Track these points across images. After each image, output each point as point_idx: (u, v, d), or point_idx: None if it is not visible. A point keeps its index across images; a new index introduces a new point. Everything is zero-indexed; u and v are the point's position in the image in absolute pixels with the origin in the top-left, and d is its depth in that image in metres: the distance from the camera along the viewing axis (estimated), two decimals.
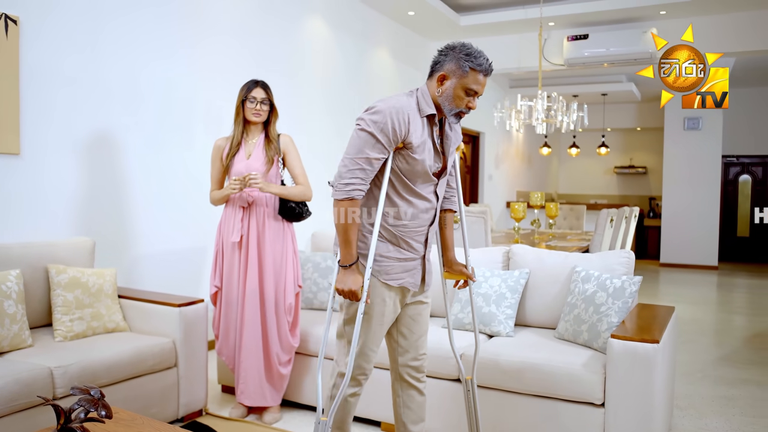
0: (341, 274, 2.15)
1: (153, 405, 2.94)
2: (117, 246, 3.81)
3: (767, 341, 5.16)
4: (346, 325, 2.28)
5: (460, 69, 2.12)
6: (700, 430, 3.18)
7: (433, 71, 2.22)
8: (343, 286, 2.13)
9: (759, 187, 10.96)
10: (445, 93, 2.16)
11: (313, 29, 5.62)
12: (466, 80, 2.13)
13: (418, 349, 2.40)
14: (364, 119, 2.11)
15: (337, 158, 5.94)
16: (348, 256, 2.14)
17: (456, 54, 2.14)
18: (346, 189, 2.08)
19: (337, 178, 2.11)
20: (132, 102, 3.88)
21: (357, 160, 2.08)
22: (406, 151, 2.14)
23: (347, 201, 2.09)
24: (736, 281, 8.90)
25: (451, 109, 2.17)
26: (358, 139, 2.09)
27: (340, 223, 2.11)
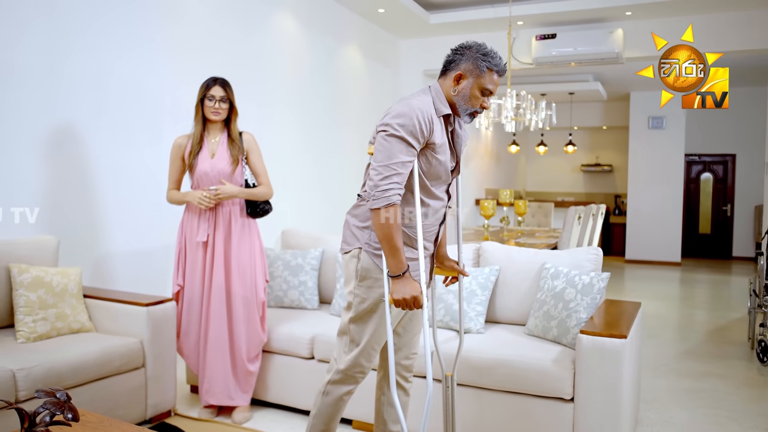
0: (396, 284, 2.07)
1: (120, 406, 2.88)
2: (82, 244, 3.73)
3: (728, 335, 5.30)
4: (352, 323, 2.24)
5: (477, 69, 2.12)
6: (665, 422, 3.25)
7: (447, 70, 2.19)
8: (402, 296, 2.06)
9: (720, 185, 11.24)
10: (461, 92, 2.14)
11: (283, 26, 5.57)
12: (483, 80, 2.12)
13: (411, 348, 2.40)
14: (390, 124, 2.05)
15: (306, 156, 5.94)
16: (399, 264, 2.07)
17: (473, 53, 2.13)
18: (386, 195, 2.02)
19: (372, 188, 2.05)
20: (98, 98, 3.80)
21: (391, 166, 2.03)
22: (429, 151, 2.12)
23: (389, 207, 2.03)
24: (698, 277, 9.12)
25: (467, 108, 2.17)
26: (389, 144, 2.04)
27: (385, 232, 2.04)
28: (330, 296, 3.74)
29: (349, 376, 2.28)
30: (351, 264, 2.25)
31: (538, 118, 6.85)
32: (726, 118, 10.86)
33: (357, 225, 2.25)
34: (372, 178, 2.05)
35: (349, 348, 2.26)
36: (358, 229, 2.25)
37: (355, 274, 2.22)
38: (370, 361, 2.27)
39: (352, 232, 2.27)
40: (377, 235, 2.07)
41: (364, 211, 2.24)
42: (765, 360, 4.29)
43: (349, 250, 2.26)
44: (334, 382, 2.30)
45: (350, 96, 6.79)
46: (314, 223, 6.01)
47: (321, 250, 3.75)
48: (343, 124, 6.65)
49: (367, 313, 2.21)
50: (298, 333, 3.22)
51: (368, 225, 2.21)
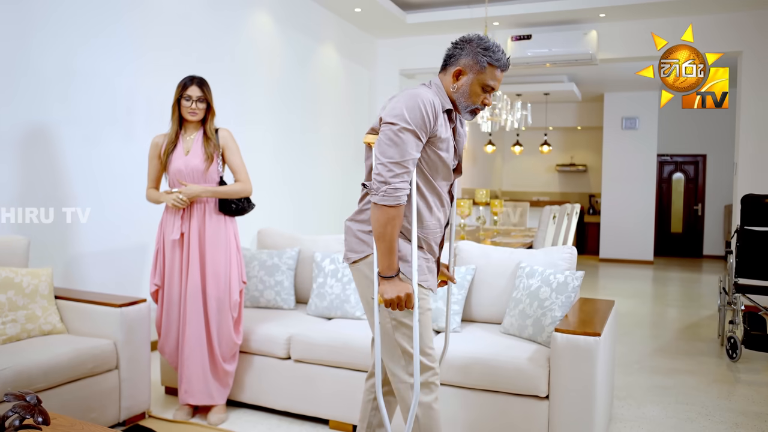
0: (386, 285, 2.00)
1: (93, 409, 2.84)
2: (53, 245, 3.66)
3: (698, 332, 5.40)
4: (396, 332, 2.10)
5: (477, 64, 2.03)
6: (638, 418, 3.30)
7: (447, 65, 2.11)
8: (392, 295, 1.99)
9: (691, 184, 11.44)
10: (461, 89, 2.06)
11: (259, 24, 5.53)
12: (484, 76, 2.04)
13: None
14: (401, 117, 1.95)
15: (282, 155, 5.91)
16: (392, 264, 2.00)
17: (473, 48, 2.04)
18: (397, 195, 1.94)
19: (381, 183, 1.95)
20: (68, 94, 3.74)
21: (403, 163, 1.95)
22: (431, 147, 2.03)
23: (397, 207, 1.95)
24: (669, 275, 9.27)
25: (467, 105, 2.09)
26: (400, 139, 1.94)
27: (387, 231, 1.96)
28: (306, 296, 3.73)
29: (426, 383, 2.11)
30: (368, 271, 2.12)
31: (513, 118, 6.91)
32: (697, 120, 11.06)
33: (364, 230, 2.14)
34: (381, 174, 1.95)
35: (406, 360, 2.10)
36: (367, 234, 2.14)
37: (377, 278, 2.08)
38: (433, 360, 2.13)
39: (360, 239, 2.15)
40: (376, 232, 1.98)
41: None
42: (734, 356, 4.38)
43: (360, 258, 2.14)
44: (423, 403, 2.10)
45: (326, 95, 6.77)
46: (290, 222, 5.99)
47: (297, 250, 3.74)
48: (320, 123, 6.63)
49: (404, 315, 2.09)
50: (274, 333, 3.21)
51: None
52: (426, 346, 2.12)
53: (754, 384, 3.92)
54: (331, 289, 3.46)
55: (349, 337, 3.04)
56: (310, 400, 3.11)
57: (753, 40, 6.19)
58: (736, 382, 3.98)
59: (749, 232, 4.75)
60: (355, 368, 3.00)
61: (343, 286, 3.43)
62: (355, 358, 2.97)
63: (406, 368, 2.10)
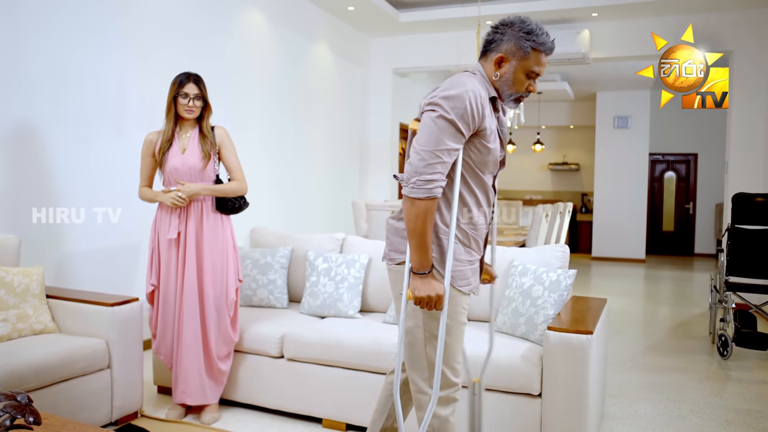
0: (417, 281, 1.89)
1: (85, 409, 2.82)
2: (45, 243, 3.64)
3: (690, 330, 5.43)
4: (428, 344, 2.00)
5: (520, 50, 1.90)
6: (630, 416, 3.31)
7: (487, 51, 1.97)
8: (423, 294, 1.87)
9: (682, 183, 11.50)
10: (504, 77, 1.94)
11: (252, 22, 5.52)
12: (528, 62, 1.91)
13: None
14: (440, 104, 1.82)
15: (275, 154, 5.89)
16: (426, 261, 1.88)
17: (515, 32, 1.90)
18: (428, 186, 1.81)
19: (412, 174, 1.82)
20: (59, 93, 3.72)
21: (437, 152, 1.81)
22: (478, 139, 1.91)
23: (428, 201, 1.82)
24: (661, 273, 9.32)
25: (511, 94, 1.97)
26: (436, 127, 1.81)
27: (417, 225, 1.83)
28: (299, 295, 3.73)
29: (446, 398, 2.04)
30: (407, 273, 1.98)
31: (506, 117, 6.91)
32: (688, 119, 11.11)
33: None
34: (413, 163, 1.83)
35: (431, 372, 2.02)
36: None
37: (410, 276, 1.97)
38: (456, 374, 2.05)
39: (404, 238, 2.01)
40: (407, 226, 1.86)
41: None
42: (725, 354, 4.41)
43: (404, 260, 2.01)
44: (439, 415, 2.03)
45: (319, 93, 6.76)
46: (283, 221, 5.98)
47: (290, 249, 3.73)
48: (313, 121, 6.62)
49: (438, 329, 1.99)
50: (267, 332, 3.20)
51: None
52: (454, 360, 2.04)
53: (744, 381, 3.95)
54: (324, 287, 3.45)
55: (342, 335, 3.04)
56: (303, 398, 3.11)
57: (744, 39, 6.22)
58: (727, 379, 4.00)
59: (740, 231, 4.78)
60: (348, 367, 3.00)
61: (336, 284, 3.43)
62: (348, 357, 2.97)
63: (428, 380, 2.03)
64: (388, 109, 7.96)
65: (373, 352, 2.91)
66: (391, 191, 8.04)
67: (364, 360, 2.94)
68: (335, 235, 3.79)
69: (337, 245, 3.73)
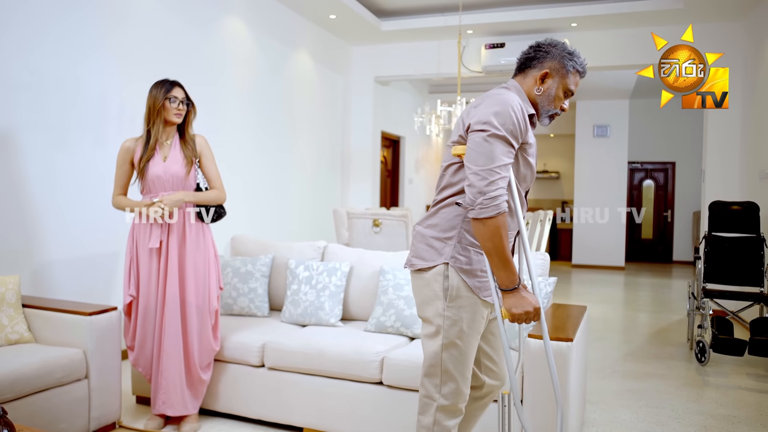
0: (510, 299, 1.90)
1: (62, 420, 2.78)
2: (20, 252, 3.59)
3: (668, 337, 5.49)
4: (445, 351, 2.03)
5: (563, 68, 2.00)
6: (610, 422, 3.33)
7: (527, 67, 2.05)
8: (520, 310, 1.89)
9: (661, 191, 11.65)
10: (546, 92, 2.02)
11: (233, 30, 5.51)
12: (567, 81, 2.01)
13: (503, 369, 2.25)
14: (490, 122, 1.87)
15: (256, 161, 5.87)
16: (512, 276, 1.89)
17: (559, 52, 2.01)
18: (495, 203, 1.83)
19: (476, 195, 1.84)
20: (35, 98, 3.67)
21: (495, 170, 1.84)
22: (521, 153, 1.97)
23: (499, 217, 1.84)
24: (640, 281, 9.41)
25: (549, 110, 2.04)
26: (490, 146, 1.86)
27: (496, 243, 1.85)
28: (280, 303, 3.71)
29: (453, 409, 2.07)
30: (434, 283, 2.02)
31: None
32: (666, 128, 11.28)
33: (437, 236, 2.04)
34: (475, 185, 1.85)
35: (444, 380, 2.05)
36: (439, 241, 2.03)
37: (444, 293, 2.01)
38: (468, 386, 2.09)
39: (430, 246, 2.04)
40: (485, 248, 1.88)
41: (444, 219, 2.04)
42: (703, 360, 4.46)
43: (428, 267, 2.03)
44: (439, 422, 2.05)
45: (301, 101, 6.76)
46: (264, 229, 5.95)
47: (271, 257, 3.72)
48: (294, 129, 6.61)
49: (460, 336, 2.02)
50: (248, 341, 3.18)
51: (452, 236, 2.01)
52: (466, 369, 2.07)
53: (722, 387, 4.00)
54: (305, 296, 3.44)
55: (323, 344, 3.02)
56: (284, 408, 3.08)
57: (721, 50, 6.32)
58: (704, 385, 4.05)
59: (717, 238, 4.85)
60: (330, 375, 2.98)
61: (318, 293, 3.42)
62: (329, 366, 2.96)
63: (440, 387, 2.05)
64: (369, 117, 7.97)
65: (354, 361, 2.90)
66: (372, 199, 8.04)
67: (346, 368, 2.93)
68: (316, 243, 3.78)
69: (318, 253, 3.72)
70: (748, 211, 4.90)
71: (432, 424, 2.06)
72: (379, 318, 3.23)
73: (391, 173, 9.78)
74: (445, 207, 2.05)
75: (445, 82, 10.05)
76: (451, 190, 2.04)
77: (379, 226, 4.81)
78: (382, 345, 2.97)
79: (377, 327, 3.23)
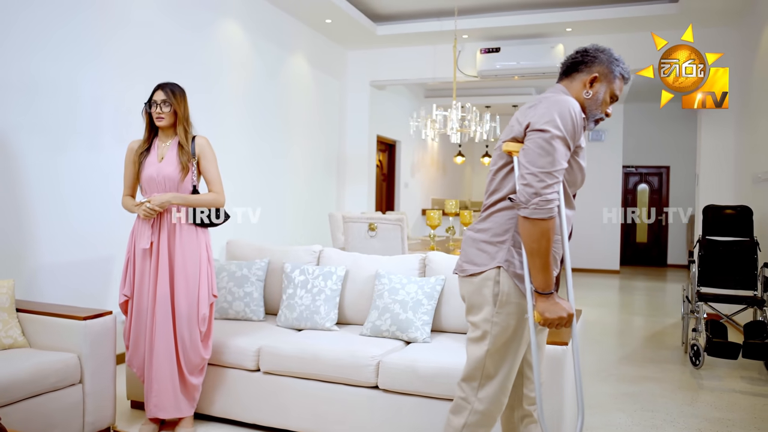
0: (545, 303, 1.90)
1: (56, 425, 2.77)
2: (15, 256, 3.58)
3: (663, 340, 5.51)
4: (489, 357, 2.02)
5: (611, 73, 2.02)
6: (605, 425, 3.34)
7: (574, 71, 2.06)
8: (554, 315, 1.90)
9: (655, 195, 11.69)
10: (595, 96, 2.03)
11: (229, 34, 5.51)
12: (614, 85, 2.04)
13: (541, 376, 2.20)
14: (552, 123, 1.87)
15: (252, 165, 5.87)
16: (550, 281, 1.90)
17: (607, 57, 2.03)
18: (549, 207, 1.84)
19: (531, 195, 1.84)
20: (30, 101, 3.66)
21: (554, 173, 1.85)
22: (574, 157, 1.98)
23: (549, 220, 1.85)
24: (635, 284, 9.44)
25: (596, 114, 2.06)
26: (552, 148, 1.86)
27: (542, 246, 1.86)
28: (276, 307, 3.70)
29: (488, 416, 2.05)
30: (485, 288, 2.01)
31: (482, 129, 6.98)
32: (660, 132, 11.32)
33: (489, 240, 2.03)
34: (532, 184, 1.85)
35: (482, 383, 2.04)
36: (491, 245, 2.02)
37: (493, 299, 2.00)
38: (506, 395, 2.07)
39: (482, 250, 2.04)
40: (530, 248, 1.89)
41: (497, 223, 2.03)
42: (697, 363, 4.47)
43: (479, 272, 2.02)
44: (470, 425, 2.04)
45: (297, 105, 6.76)
46: (259, 233, 5.95)
47: (267, 261, 3.71)
48: (290, 133, 6.62)
49: (506, 343, 2.01)
50: (243, 345, 3.17)
51: (505, 240, 2.00)
52: (509, 380, 2.07)
53: (716, 390, 4.01)
54: (300, 300, 3.44)
55: (319, 348, 3.02)
56: (279, 412, 3.08)
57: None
58: (699, 388, 4.06)
59: (711, 242, 4.87)
60: (325, 380, 2.98)
61: (313, 297, 3.42)
62: (325, 370, 2.96)
63: (477, 390, 2.05)
64: (365, 121, 7.98)
65: (350, 365, 2.90)
66: (368, 203, 8.04)
67: (342, 373, 2.93)
68: (312, 247, 3.78)
69: (313, 257, 3.72)
70: (741, 215, 4.92)
71: (461, 427, 2.06)
72: (375, 322, 3.23)
73: (386, 177, 9.79)
74: (496, 212, 2.05)
75: (441, 87, 10.07)
76: (500, 195, 2.04)
77: (374, 230, 4.81)
78: (377, 349, 2.98)
79: (373, 331, 3.23)
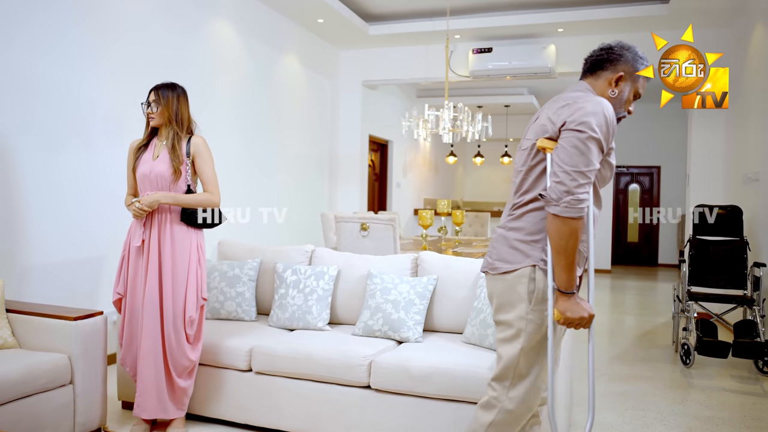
0: (566, 302, 1.91)
1: (46, 426, 2.75)
2: (5, 256, 3.55)
3: (654, 339, 5.53)
4: (523, 355, 2.01)
5: (636, 71, 2.02)
6: (596, 424, 3.35)
7: (599, 69, 2.05)
8: (575, 315, 1.91)
9: (646, 195, 11.75)
10: (620, 95, 2.03)
11: (220, 34, 5.50)
12: (638, 84, 2.04)
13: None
14: (588, 124, 1.87)
15: (245, 165, 5.86)
16: (573, 280, 1.91)
17: (632, 55, 2.02)
18: (580, 206, 1.85)
19: (563, 194, 1.85)
20: (23, 101, 3.64)
21: (587, 173, 1.86)
22: (605, 157, 1.97)
23: (579, 220, 1.86)
24: (627, 284, 9.48)
25: (619, 112, 2.04)
26: (587, 148, 1.86)
27: (570, 244, 1.86)
28: (268, 307, 3.70)
29: (516, 416, 2.04)
30: (519, 285, 2.00)
31: (474, 129, 6.99)
32: (652, 132, 11.38)
33: (522, 239, 2.02)
34: (564, 182, 1.86)
35: (514, 382, 2.03)
36: (525, 243, 2.02)
37: (528, 296, 1.99)
38: (537, 397, 2.06)
39: (515, 248, 2.03)
40: (556, 246, 1.89)
41: (531, 222, 2.02)
42: (688, 362, 4.50)
43: (513, 270, 2.01)
44: (497, 424, 2.03)
45: (289, 105, 6.75)
46: (251, 233, 5.93)
47: (258, 261, 3.71)
48: (282, 133, 6.61)
49: (540, 341, 2.01)
50: (235, 345, 3.16)
51: (539, 238, 2.00)
52: (542, 380, 2.07)
53: (706, 389, 4.04)
54: (293, 300, 3.43)
55: (311, 348, 3.02)
56: (271, 412, 3.07)
57: None
58: (689, 387, 4.08)
59: (701, 242, 4.90)
60: (318, 380, 2.98)
61: (305, 297, 3.41)
62: (317, 370, 2.96)
63: (509, 390, 2.04)
64: (357, 121, 7.98)
65: (342, 365, 2.90)
66: (360, 203, 8.04)
67: (334, 372, 2.93)
68: (304, 247, 3.77)
69: (305, 257, 3.72)
70: (731, 214, 4.95)
71: (488, 424, 2.05)
72: (367, 322, 3.23)
73: (378, 177, 9.79)
74: (530, 211, 2.04)
75: (433, 87, 10.09)
76: (533, 194, 2.03)
77: (366, 230, 4.81)
78: (369, 349, 2.98)
79: (365, 331, 3.23)
